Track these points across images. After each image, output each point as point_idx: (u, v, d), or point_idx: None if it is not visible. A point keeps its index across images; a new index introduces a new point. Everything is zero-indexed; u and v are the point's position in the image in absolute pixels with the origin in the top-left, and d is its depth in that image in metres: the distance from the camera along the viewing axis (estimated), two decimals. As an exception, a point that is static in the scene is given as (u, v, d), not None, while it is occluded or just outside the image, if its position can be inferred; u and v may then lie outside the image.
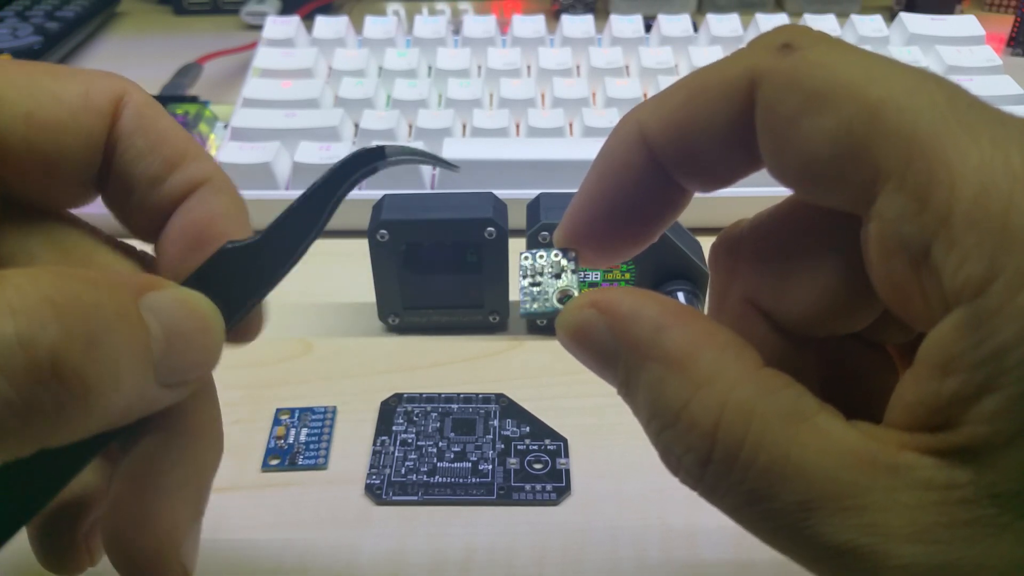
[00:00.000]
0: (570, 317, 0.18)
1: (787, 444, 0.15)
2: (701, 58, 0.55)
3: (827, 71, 0.15)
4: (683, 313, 0.17)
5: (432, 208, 0.36)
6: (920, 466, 0.14)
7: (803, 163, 0.16)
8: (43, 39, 0.60)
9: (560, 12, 0.68)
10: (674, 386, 0.16)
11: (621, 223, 0.19)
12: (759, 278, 0.20)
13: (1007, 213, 0.13)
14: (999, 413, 0.13)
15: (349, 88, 0.51)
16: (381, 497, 0.31)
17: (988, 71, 0.53)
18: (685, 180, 0.18)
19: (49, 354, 0.14)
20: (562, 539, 0.30)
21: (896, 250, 0.14)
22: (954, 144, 0.14)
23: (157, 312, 0.16)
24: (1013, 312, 0.13)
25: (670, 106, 0.18)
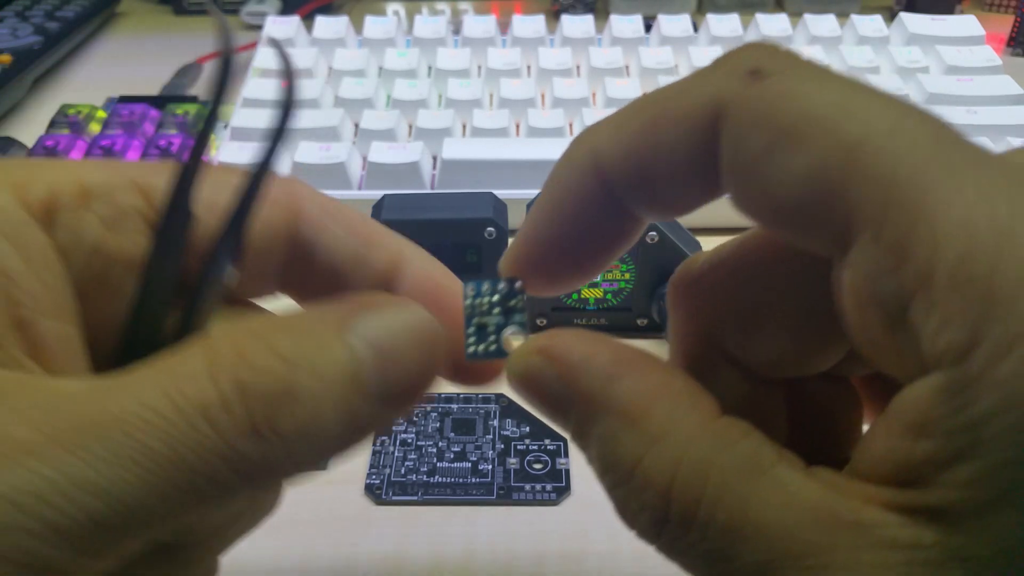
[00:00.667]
0: (517, 365, 0.17)
1: (745, 501, 0.14)
2: (701, 58, 0.55)
3: (799, 103, 0.14)
4: (637, 361, 0.16)
5: (432, 208, 0.36)
6: (885, 523, 0.13)
7: (772, 205, 0.15)
8: (43, 39, 0.60)
9: (560, 12, 0.68)
10: (627, 441, 0.15)
11: (571, 252, 0.18)
12: (720, 320, 0.19)
13: (992, 276, 0.12)
14: (974, 481, 0.13)
15: (349, 88, 0.51)
16: (381, 497, 0.31)
17: (988, 71, 0.53)
18: (640, 208, 0.17)
19: (245, 411, 0.15)
20: (562, 539, 0.30)
21: (869, 303, 0.14)
22: (936, 193, 0.13)
23: (365, 334, 0.16)
24: (994, 382, 0.12)
25: (627, 133, 0.16)
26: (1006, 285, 0.12)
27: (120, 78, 0.61)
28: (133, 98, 0.54)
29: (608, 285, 0.38)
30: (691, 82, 0.16)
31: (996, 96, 0.50)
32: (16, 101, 0.57)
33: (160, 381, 0.15)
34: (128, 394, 0.14)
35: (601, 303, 0.39)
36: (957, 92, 0.50)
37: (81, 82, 0.62)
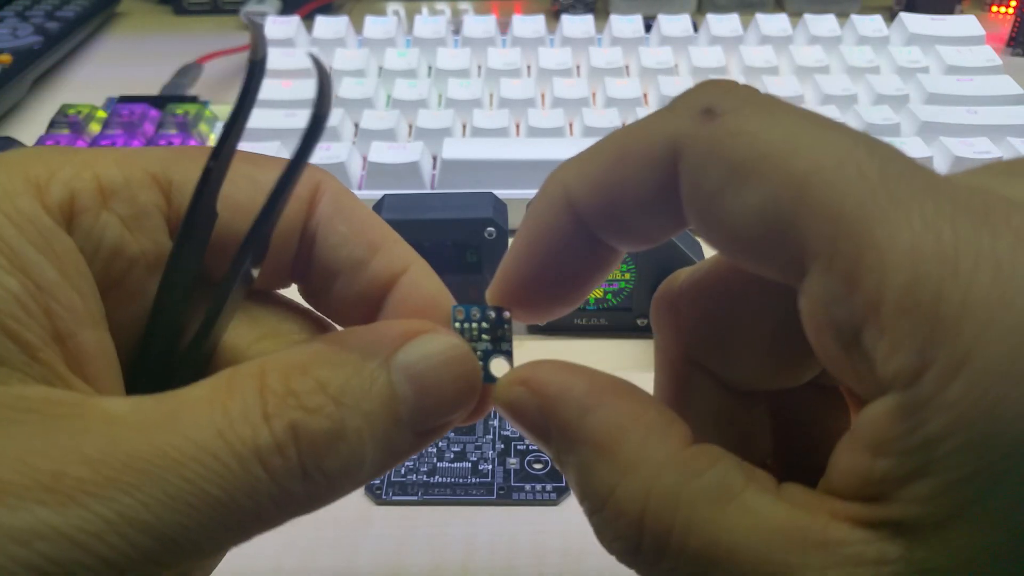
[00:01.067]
0: (503, 395, 0.18)
1: (716, 528, 0.15)
2: (701, 58, 0.55)
3: (749, 140, 0.14)
4: (610, 391, 0.17)
5: (432, 208, 0.36)
6: (851, 541, 0.14)
7: (730, 238, 0.15)
8: (43, 39, 0.60)
9: (560, 12, 0.68)
10: (600, 472, 0.16)
11: (551, 283, 0.19)
12: (699, 337, 0.19)
13: (937, 302, 0.12)
14: (931, 497, 0.13)
15: (349, 88, 0.51)
16: (381, 497, 0.31)
17: (988, 71, 0.53)
18: (612, 241, 0.18)
19: (297, 454, 0.15)
20: (562, 539, 0.30)
21: (826, 328, 0.14)
22: (883, 223, 0.13)
23: (408, 369, 0.17)
24: (944, 404, 0.13)
25: (594, 170, 0.17)
26: (951, 310, 0.12)
27: (120, 78, 0.61)
28: (133, 98, 0.54)
29: (608, 285, 0.38)
30: (651, 121, 0.16)
31: (996, 96, 0.50)
32: (16, 101, 0.57)
33: (214, 419, 0.15)
34: (182, 432, 0.15)
35: (601, 303, 0.39)
36: (957, 92, 0.50)
37: (81, 82, 0.62)
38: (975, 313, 0.12)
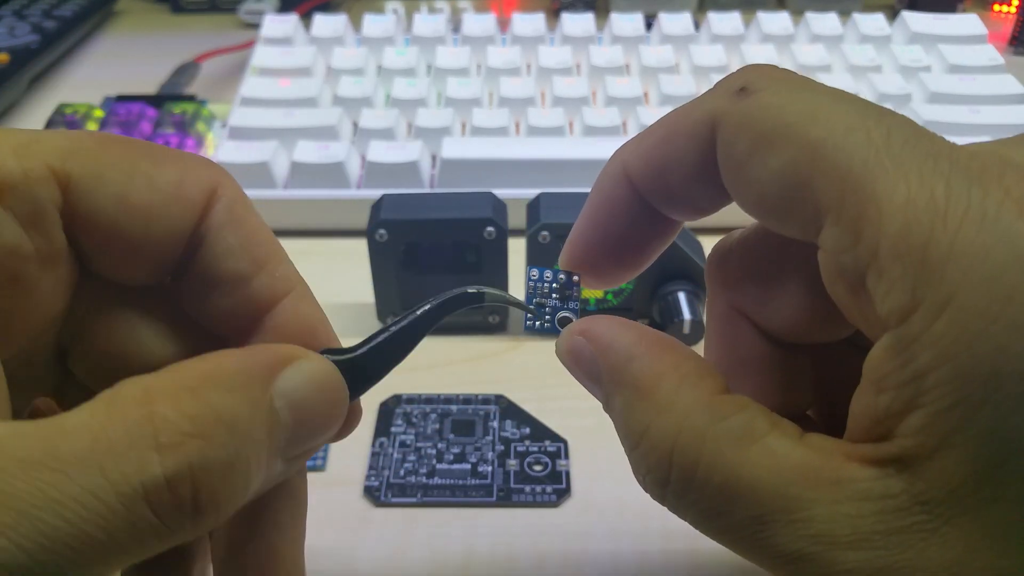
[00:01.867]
0: (565, 342, 0.20)
1: (737, 465, 0.16)
2: (702, 56, 0.54)
3: (776, 113, 0.16)
4: (655, 344, 0.18)
5: (431, 208, 0.36)
6: (860, 478, 0.15)
7: (758, 199, 0.17)
8: (40, 38, 0.60)
9: (560, 10, 0.68)
10: (638, 411, 0.18)
11: (615, 251, 0.21)
12: (745, 290, 0.21)
13: (927, 247, 0.14)
14: (922, 428, 0.14)
15: (348, 87, 0.51)
16: (380, 499, 0.31)
17: (990, 70, 0.53)
18: (667, 211, 0.20)
19: (191, 489, 0.15)
20: (562, 541, 0.29)
21: (838, 277, 0.16)
22: (883, 180, 0.15)
23: (288, 395, 0.17)
24: (930, 339, 0.14)
25: (647, 147, 0.19)
26: (939, 255, 0.14)
27: (117, 77, 0.61)
28: (130, 97, 0.54)
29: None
30: (694, 102, 0.18)
31: (998, 95, 0.50)
32: (13, 100, 0.57)
33: (95, 451, 0.14)
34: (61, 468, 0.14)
35: (602, 303, 0.39)
36: (959, 91, 0.50)
37: (78, 81, 0.62)
38: (960, 259, 0.14)
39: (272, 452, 0.16)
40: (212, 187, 0.19)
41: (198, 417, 0.15)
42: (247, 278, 0.19)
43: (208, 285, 0.20)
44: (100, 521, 0.14)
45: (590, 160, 0.44)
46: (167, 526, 0.14)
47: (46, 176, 0.17)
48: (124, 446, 0.14)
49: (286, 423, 0.17)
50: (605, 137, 0.47)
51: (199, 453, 0.15)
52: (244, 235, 0.19)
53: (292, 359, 0.17)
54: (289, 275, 0.20)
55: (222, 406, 0.15)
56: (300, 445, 0.17)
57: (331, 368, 0.18)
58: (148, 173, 0.18)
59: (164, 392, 0.15)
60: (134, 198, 0.18)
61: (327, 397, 0.18)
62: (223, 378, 0.16)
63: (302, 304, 0.20)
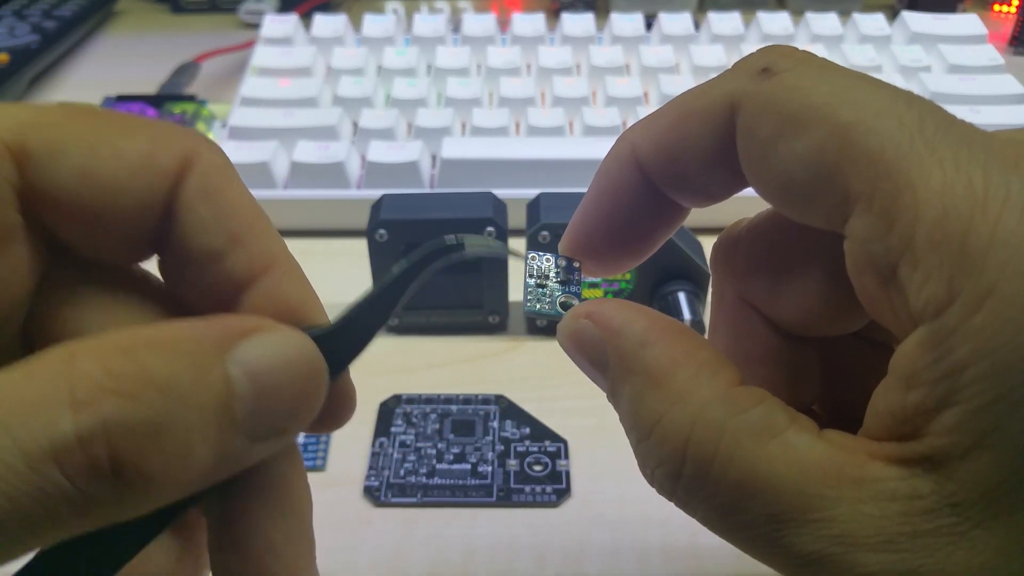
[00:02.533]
0: (568, 325, 0.19)
1: (756, 460, 0.15)
2: (702, 57, 0.54)
3: (802, 95, 0.15)
4: (669, 330, 0.17)
5: (431, 208, 0.36)
6: (885, 477, 0.15)
7: (781, 184, 0.16)
8: (40, 38, 0.60)
9: (560, 10, 0.68)
10: (651, 401, 0.17)
11: (619, 237, 0.20)
12: (754, 280, 0.20)
13: (966, 236, 0.13)
14: (957, 426, 0.14)
15: (348, 87, 0.51)
16: (380, 499, 0.31)
17: (990, 70, 0.53)
18: (677, 197, 0.19)
19: (107, 450, 0.13)
20: (562, 541, 0.29)
21: (867, 267, 0.15)
22: (919, 166, 0.14)
23: (247, 365, 0.15)
24: (969, 333, 0.13)
25: (659, 128, 0.18)
26: (978, 245, 0.13)
27: (118, 77, 0.61)
28: (130, 97, 0.54)
29: (608, 285, 0.38)
30: (712, 82, 0.17)
31: (998, 95, 0.50)
32: (14, 100, 0.57)
33: (4, 411, 0.13)
34: None
35: (601, 303, 0.39)
36: (959, 91, 0.50)
37: (79, 81, 0.62)
38: (1000, 249, 0.13)
39: (226, 424, 0.15)
40: (186, 156, 0.18)
41: (124, 375, 0.13)
42: (221, 254, 0.18)
43: (184, 262, 0.18)
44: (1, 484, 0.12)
45: (590, 160, 0.44)
46: (84, 494, 0.13)
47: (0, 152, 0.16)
48: (35, 403, 0.13)
49: (244, 394, 0.15)
50: (605, 137, 0.47)
51: (118, 410, 0.13)
52: (219, 207, 0.18)
53: (256, 329, 0.16)
54: (270, 250, 0.18)
55: (155, 366, 0.14)
56: (269, 422, 0.16)
57: (301, 338, 0.16)
58: (115, 144, 0.17)
59: (91, 350, 0.14)
60: (98, 171, 0.17)
61: (297, 369, 0.16)
62: (166, 341, 0.14)
63: (284, 282, 0.18)
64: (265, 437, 0.16)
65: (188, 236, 0.18)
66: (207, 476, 0.15)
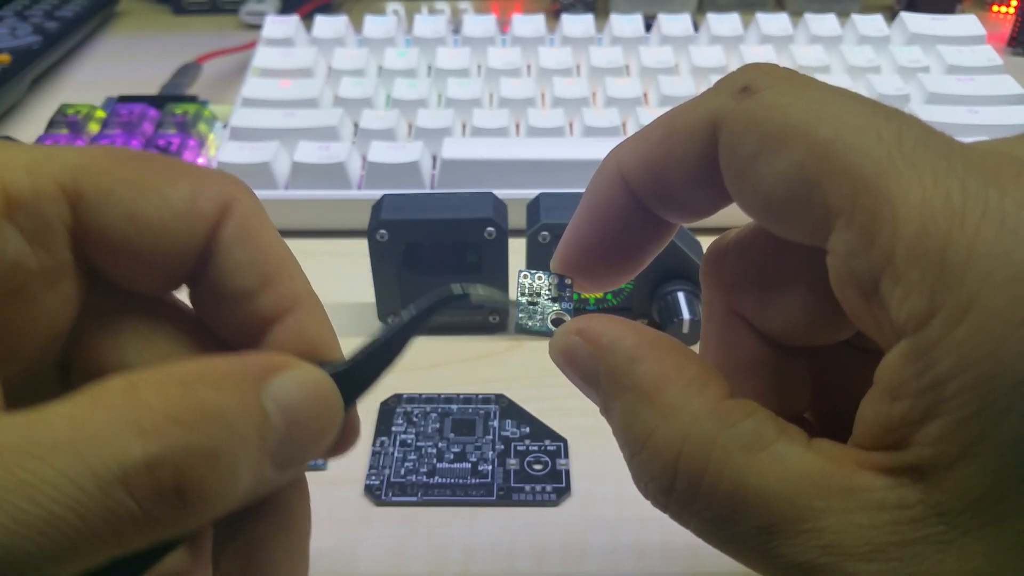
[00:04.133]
0: (559, 341, 0.19)
1: (746, 473, 0.16)
2: (701, 58, 0.54)
3: (781, 113, 0.16)
4: (658, 345, 0.18)
5: (432, 208, 0.36)
6: (873, 487, 0.15)
7: (763, 201, 0.16)
8: (42, 39, 0.60)
9: (560, 11, 0.68)
10: (642, 416, 0.17)
11: (609, 254, 0.20)
12: (742, 292, 0.20)
13: (945, 250, 0.13)
14: (942, 437, 0.14)
15: (348, 87, 0.51)
16: (380, 498, 0.31)
17: (989, 71, 0.53)
18: (663, 213, 0.19)
19: (172, 475, 0.14)
20: (562, 540, 0.29)
21: (849, 282, 0.15)
22: (897, 181, 0.14)
23: (279, 400, 0.16)
24: (951, 345, 0.13)
25: (644, 146, 0.18)
26: (958, 259, 0.13)
27: (119, 78, 0.61)
28: (132, 98, 0.54)
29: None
30: (695, 101, 0.18)
31: (997, 96, 0.50)
32: (15, 101, 0.57)
33: (74, 436, 0.14)
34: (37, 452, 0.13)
35: (601, 303, 0.39)
36: (958, 92, 0.50)
37: (80, 82, 0.62)
38: (980, 262, 0.13)
39: (263, 453, 0.16)
40: (226, 201, 0.19)
41: (184, 406, 0.15)
42: (253, 294, 0.19)
43: (217, 298, 0.20)
44: (74, 505, 0.13)
45: (590, 160, 0.44)
46: (147, 514, 0.14)
47: (56, 194, 0.18)
48: (104, 431, 0.14)
49: (277, 425, 0.16)
50: (605, 138, 0.47)
51: (183, 439, 0.14)
52: (254, 251, 0.19)
53: (284, 366, 0.17)
54: (297, 290, 0.20)
55: (209, 399, 0.15)
56: (293, 452, 0.17)
57: (323, 376, 0.18)
58: (160, 189, 0.18)
59: (151, 383, 0.15)
60: (145, 215, 0.18)
61: (319, 403, 0.18)
62: (212, 375, 0.16)
63: (307, 321, 0.20)
64: (288, 466, 0.17)
65: (224, 276, 0.19)
66: (245, 499, 0.16)
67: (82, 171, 0.18)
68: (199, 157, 0.49)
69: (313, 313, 0.20)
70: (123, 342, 0.19)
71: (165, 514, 0.14)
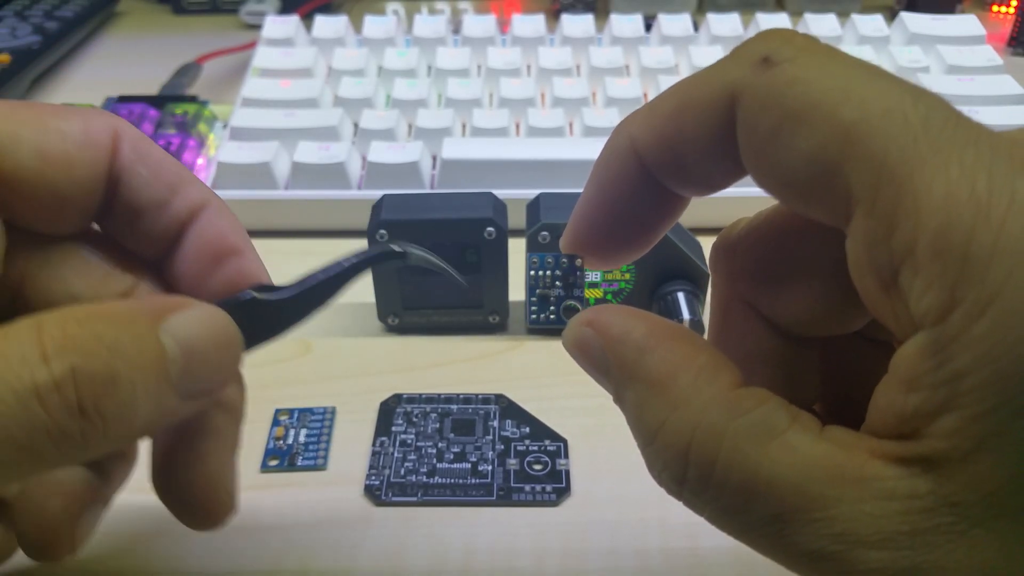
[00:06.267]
0: (571, 333, 0.19)
1: (757, 462, 0.16)
2: (701, 58, 0.55)
3: (803, 88, 0.15)
4: (668, 335, 0.18)
5: (432, 208, 0.36)
6: (885, 476, 0.15)
7: (782, 179, 0.16)
8: (42, 39, 0.60)
9: (560, 11, 0.68)
10: (653, 406, 0.17)
11: (620, 229, 0.20)
12: (754, 281, 0.20)
13: (968, 244, 0.13)
14: (956, 431, 0.14)
15: (348, 88, 0.51)
16: (380, 498, 0.31)
17: (989, 71, 0.53)
18: (677, 187, 0.19)
19: (75, 393, 0.16)
20: (562, 540, 0.29)
21: (868, 269, 0.15)
22: (922, 171, 0.14)
23: (176, 334, 0.18)
24: (970, 340, 0.13)
25: (657, 118, 0.18)
26: (981, 251, 0.13)
27: (119, 78, 0.61)
28: (132, 98, 0.54)
29: (608, 285, 0.38)
30: (711, 70, 0.17)
31: (997, 96, 0.50)
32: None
33: None
34: None
35: (601, 303, 0.39)
36: (958, 92, 0.50)
37: (80, 82, 0.62)
38: (1004, 256, 0.13)
39: (160, 382, 0.18)
40: (114, 130, 0.21)
41: (80, 337, 0.17)
42: (166, 202, 0.22)
43: (133, 218, 0.22)
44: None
45: (590, 160, 0.44)
46: (58, 427, 0.16)
47: None
48: (16, 357, 0.16)
49: (175, 357, 0.18)
50: (605, 138, 0.47)
51: (82, 363, 0.16)
52: (154, 166, 0.22)
53: (182, 305, 0.19)
54: (201, 192, 0.22)
55: (102, 332, 0.17)
56: (195, 382, 0.19)
57: (219, 313, 0.20)
58: (57, 127, 0.20)
59: (53, 320, 0.17)
60: (51, 149, 0.20)
61: (217, 337, 0.19)
62: (108, 314, 0.18)
63: (216, 216, 0.22)
64: (195, 395, 0.19)
65: (135, 193, 0.21)
66: (150, 424, 0.18)
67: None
68: (199, 157, 0.49)
69: (220, 209, 0.22)
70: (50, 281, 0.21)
71: (72, 428, 0.16)
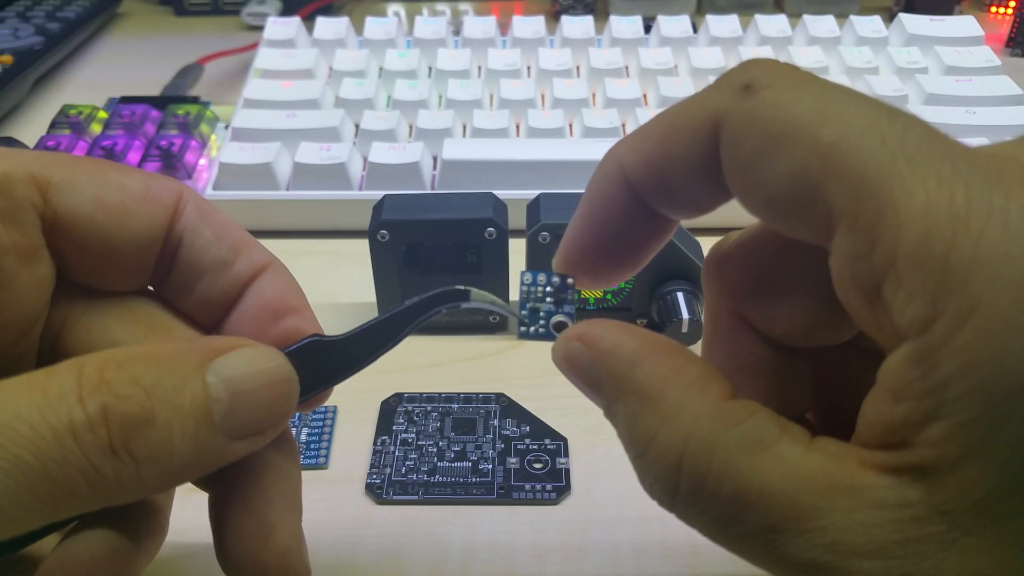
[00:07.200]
0: (561, 347, 0.19)
1: (749, 473, 0.16)
2: (700, 59, 0.55)
3: (783, 112, 0.16)
4: (658, 348, 0.18)
5: (432, 208, 0.36)
6: (875, 486, 0.15)
7: (765, 200, 0.16)
8: (44, 39, 0.60)
9: (560, 13, 0.69)
10: (644, 419, 0.17)
11: (611, 251, 0.20)
12: (745, 295, 0.20)
13: (948, 254, 0.13)
14: (944, 439, 0.14)
15: (350, 89, 0.52)
16: (381, 496, 0.31)
17: (987, 72, 0.53)
18: (665, 210, 0.19)
19: (109, 433, 0.16)
20: (562, 538, 0.30)
21: (852, 284, 0.15)
22: (900, 185, 0.14)
23: (222, 373, 0.18)
24: (954, 350, 0.14)
25: (645, 144, 0.18)
26: (961, 263, 0.13)
27: (121, 79, 0.61)
28: (134, 98, 0.54)
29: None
30: (696, 99, 0.18)
31: (995, 96, 0.51)
32: (17, 101, 0.57)
33: (32, 397, 0.16)
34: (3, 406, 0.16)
35: (601, 303, 0.39)
36: (956, 93, 0.50)
37: (82, 82, 0.62)
38: (983, 266, 0.13)
39: (204, 424, 0.18)
40: (178, 193, 0.21)
41: (116, 378, 0.17)
42: (229, 263, 0.22)
43: (193, 278, 0.22)
44: (31, 447, 0.15)
45: (590, 161, 0.45)
46: (93, 466, 0.16)
47: (25, 178, 0.19)
48: (56, 396, 0.16)
49: (219, 396, 0.18)
50: (604, 138, 0.47)
51: (113, 403, 0.16)
52: (218, 227, 0.22)
53: (234, 346, 0.19)
54: (264, 254, 0.22)
55: (141, 374, 0.17)
56: (244, 421, 0.18)
57: (273, 352, 0.19)
58: (119, 180, 0.21)
59: (93, 361, 0.17)
60: (108, 199, 0.20)
61: (267, 375, 0.19)
62: (151, 356, 0.18)
63: (276, 278, 0.22)
64: (244, 435, 0.19)
65: (198, 254, 0.22)
66: (191, 466, 0.18)
67: (47, 163, 0.20)
68: (201, 158, 0.49)
69: (280, 270, 0.23)
70: (96, 334, 0.21)
71: (106, 468, 0.16)
